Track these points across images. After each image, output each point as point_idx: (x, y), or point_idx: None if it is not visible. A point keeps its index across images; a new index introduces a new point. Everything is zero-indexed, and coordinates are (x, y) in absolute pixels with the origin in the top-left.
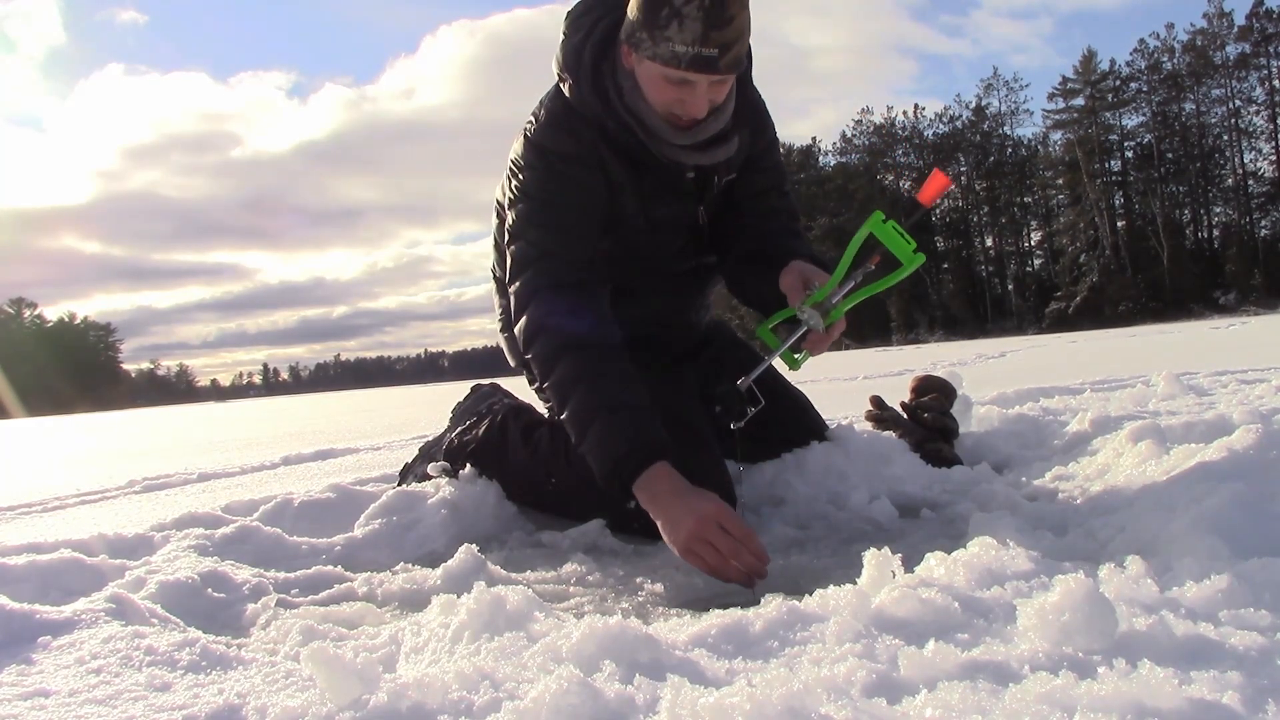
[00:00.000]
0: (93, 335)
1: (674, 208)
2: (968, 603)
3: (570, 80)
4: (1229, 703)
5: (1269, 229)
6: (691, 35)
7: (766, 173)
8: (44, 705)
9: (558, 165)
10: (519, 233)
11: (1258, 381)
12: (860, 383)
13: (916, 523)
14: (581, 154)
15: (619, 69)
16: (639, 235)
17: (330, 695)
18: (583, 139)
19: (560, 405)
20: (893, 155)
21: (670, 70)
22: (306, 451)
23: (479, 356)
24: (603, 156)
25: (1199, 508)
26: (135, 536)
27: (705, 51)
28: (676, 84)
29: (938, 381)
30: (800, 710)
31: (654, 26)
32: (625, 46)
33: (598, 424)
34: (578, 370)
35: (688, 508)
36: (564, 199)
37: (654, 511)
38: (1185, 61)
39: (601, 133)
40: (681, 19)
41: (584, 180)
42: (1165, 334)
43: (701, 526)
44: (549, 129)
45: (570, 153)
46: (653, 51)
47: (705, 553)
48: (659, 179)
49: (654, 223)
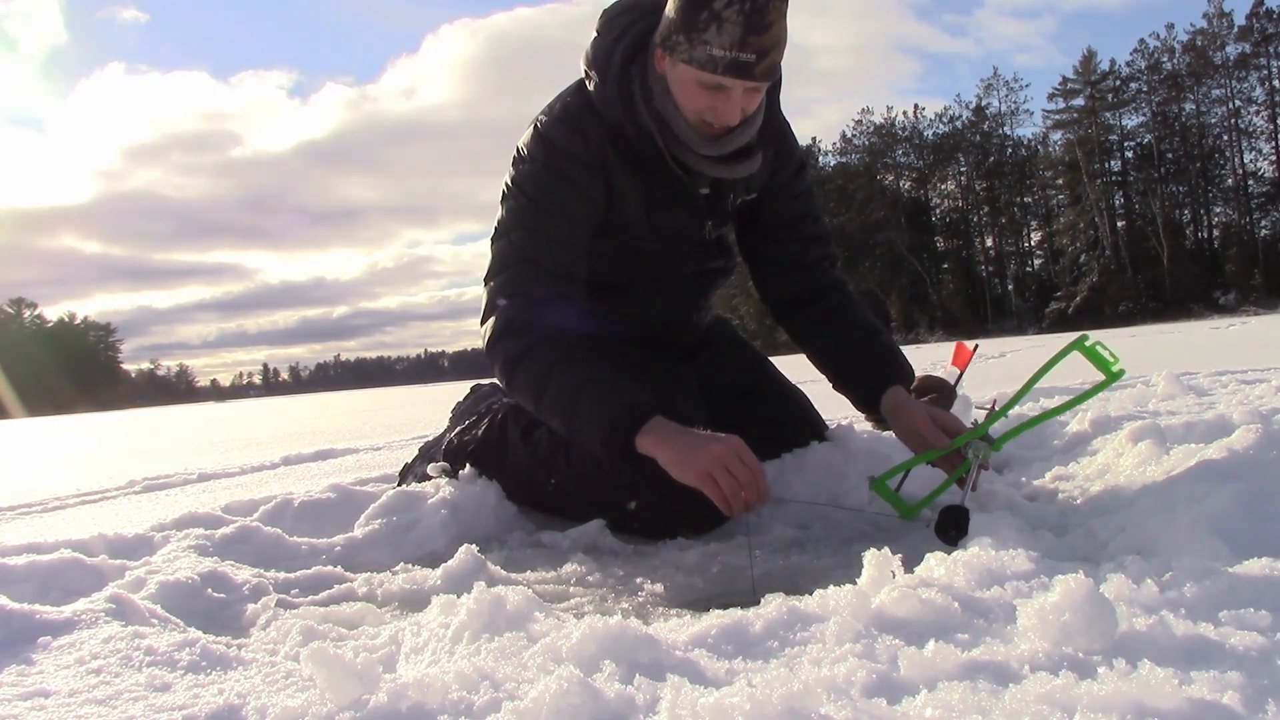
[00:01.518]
0: (93, 335)
1: (680, 219)
2: (968, 603)
3: (596, 79)
4: (1229, 703)
5: (1269, 229)
6: (730, 39)
7: (798, 199)
8: (44, 705)
9: (558, 163)
10: (505, 230)
11: (1258, 381)
12: None
13: (916, 523)
14: (585, 155)
15: (650, 73)
16: (640, 242)
17: (330, 695)
18: (590, 140)
19: (538, 394)
20: (892, 155)
21: (706, 74)
22: (306, 451)
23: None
24: (607, 161)
25: (1199, 508)
26: (135, 536)
27: (743, 56)
28: (711, 89)
29: (937, 381)
30: (800, 710)
31: (692, 29)
32: (660, 50)
33: (585, 396)
34: (548, 359)
35: (706, 438)
36: (556, 202)
37: (666, 449)
38: (1185, 61)
39: (614, 137)
40: (721, 22)
41: (582, 182)
42: (1165, 334)
43: (724, 453)
44: (559, 124)
45: (573, 152)
46: (689, 54)
47: (723, 478)
48: (669, 188)
49: (658, 232)
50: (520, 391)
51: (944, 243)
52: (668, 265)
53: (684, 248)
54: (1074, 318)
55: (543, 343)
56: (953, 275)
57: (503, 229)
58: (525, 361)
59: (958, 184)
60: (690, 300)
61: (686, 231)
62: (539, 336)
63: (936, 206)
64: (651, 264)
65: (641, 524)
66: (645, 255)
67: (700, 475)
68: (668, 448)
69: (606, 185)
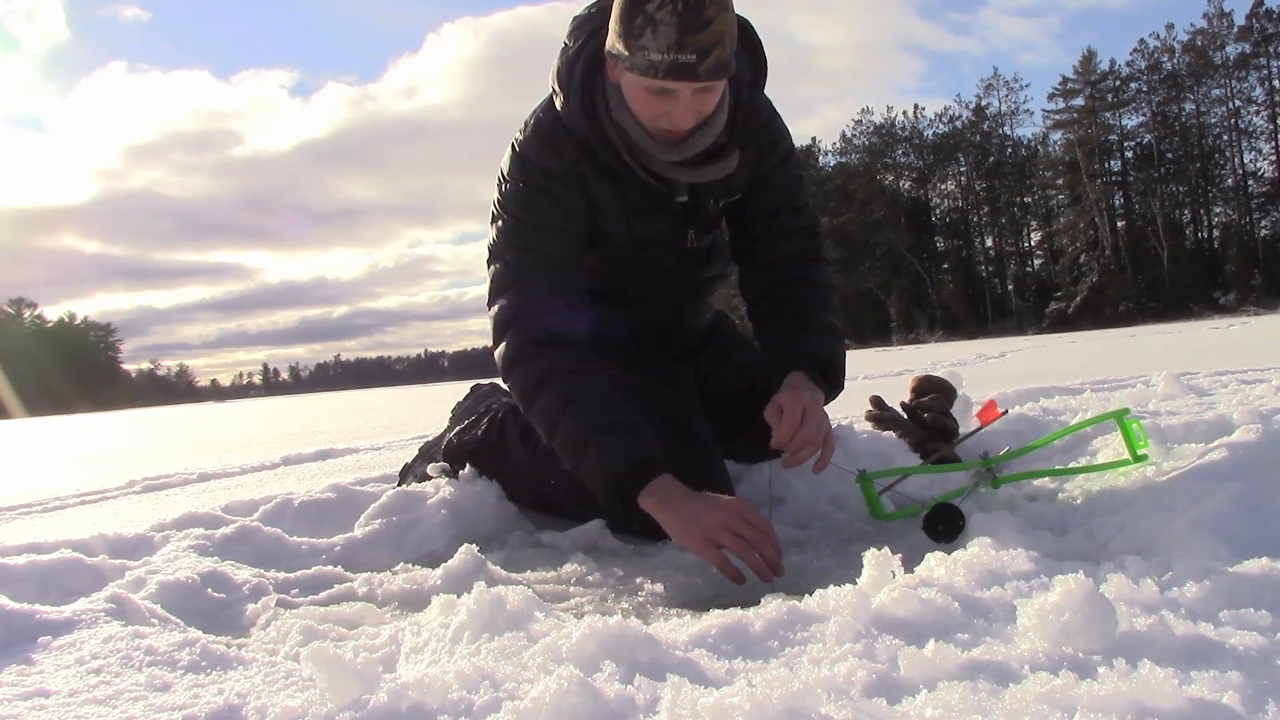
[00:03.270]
0: (93, 335)
1: (660, 227)
2: (968, 603)
3: (561, 96)
4: (1229, 703)
5: (1269, 229)
6: (666, 42)
7: (778, 189)
8: (44, 705)
9: (538, 180)
10: (498, 253)
11: (1258, 381)
12: (860, 383)
13: (916, 523)
14: (563, 170)
15: (608, 83)
16: (624, 254)
17: (330, 695)
18: (565, 155)
19: (549, 433)
20: (892, 155)
21: (649, 80)
22: (306, 451)
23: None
24: (583, 174)
25: (1199, 508)
26: (135, 536)
27: (682, 58)
28: (658, 95)
29: (937, 381)
30: (800, 710)
31: (630, 36)
32: (610, 60)
33: (593, 446)
34: (563, 396)
35: (709, 502)
36: (542, 219)
37: (667, 512)
38: (1185, 61)
39: (587, 151)
40: (655, 25)
41: (563, 198)
42: (1165, 334)
43: (727, 516)
44: (534, 142)
45: (551, 168)
46: (630, 63)
47: (729, 541)
48: (646, 198)
49: (639, 242)
50: (536, 424)
51: (944, 243)
52: (656, 276)
53: (669, 258)
54: (1074, 318)
55: (556, 377)
56: (953, 275)
57: (496, 252)
58: (539, 398)
59: (958, 184)
60: (688, 306)
61: (668, 240)
62: (550, 368)
63: (936, 206)
64: (639, 275)
65: (641, 524)
66: (631, 266)
67: (701, 542)
68: (669, 512)
69: (586, 198)
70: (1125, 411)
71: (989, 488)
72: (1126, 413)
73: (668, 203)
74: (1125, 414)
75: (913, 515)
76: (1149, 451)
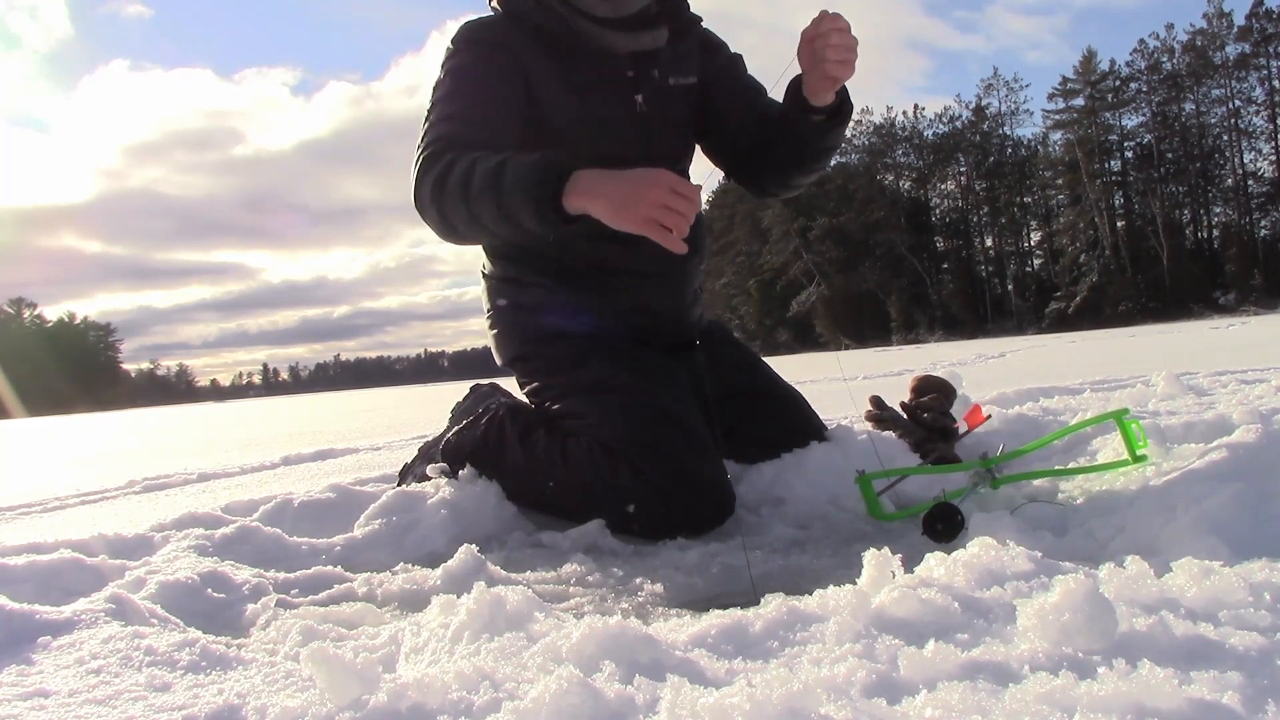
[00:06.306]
0: (93, 335)
1: (609, 99)
2: (968, 603)
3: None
4: (1229, 703)
5: (1269, 229)
6: None
7: (742, 78)
8: (44, 705)
9: (476, 46)
10: (430, 111)
11: (1258, 381)
12: (860, 383)
13: (916, 523)
14: (496, 40)
15: None
16: (571, 128)
17: (330, 695)
18: (498, 31)
19: (465, 193)
20: (892, 155)
21: None
22: (306, 451)
23: (479, 356)
24: (520, 48)
25: (1199, 508)
26: (135, 537)
27: None
28: None
29: (937, 381)
30: (800, 710)
31: None
32: None
33: (506, 173)
34: (469, 158)
35: (639, 178)
36: (479, 80)
37: (599, 201)
38: (1185, 62)
39: (532, 30)
40: None
41: (501, 63)
42: (1165, 334)
43: (660, 192)
44: (472, 22)
45: (487, 38)
46: None
47: (668, 218)
48: (590, 70)
49: (587, 115)
50: (451, 202)
51: (944, 243)
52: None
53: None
54: (1074, 318)
55: (463, 153)
56: (953, 275)
57: (429, 112)
58: (450, 176)
59: (958, 184)
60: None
61: (617, 111)
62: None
63: (936, 206)
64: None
65: (641, 525)
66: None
67: (643, 221)
68: (601, 199)
69: (523, 71)
70: (1125, 411)
71: (988, 488)
72: (1126, 413)
73: (616, 74)
74: (1125, 414)
75: (912, 515)
76: (1149, 451)
